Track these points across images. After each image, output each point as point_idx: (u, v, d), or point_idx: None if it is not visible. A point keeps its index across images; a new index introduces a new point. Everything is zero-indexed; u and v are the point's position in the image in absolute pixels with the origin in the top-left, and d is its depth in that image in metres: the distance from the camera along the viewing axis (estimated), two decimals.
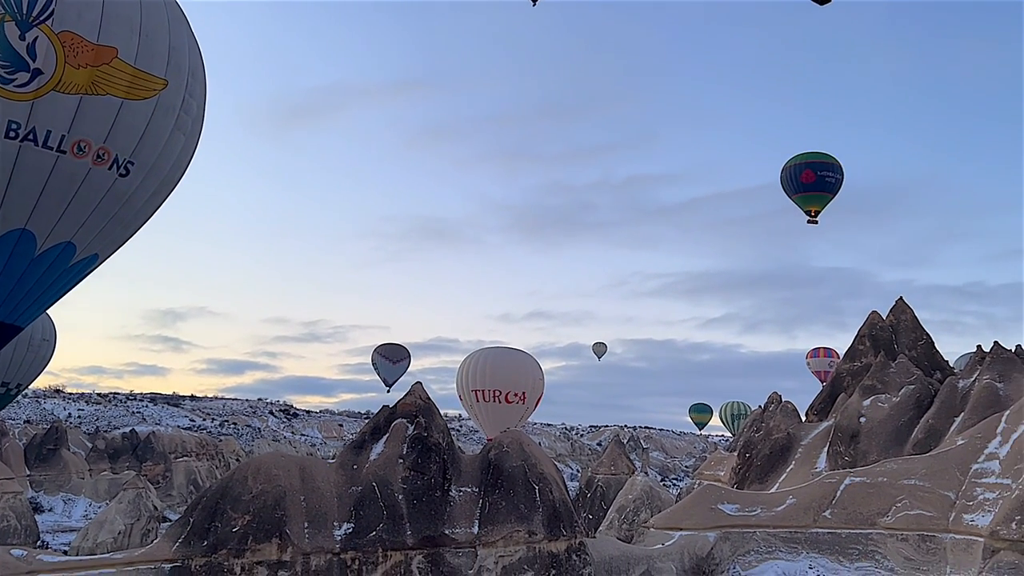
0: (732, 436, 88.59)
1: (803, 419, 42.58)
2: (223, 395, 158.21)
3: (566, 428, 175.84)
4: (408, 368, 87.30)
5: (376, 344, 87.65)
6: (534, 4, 38.61)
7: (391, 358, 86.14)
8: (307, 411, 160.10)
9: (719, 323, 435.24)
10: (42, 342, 43.14)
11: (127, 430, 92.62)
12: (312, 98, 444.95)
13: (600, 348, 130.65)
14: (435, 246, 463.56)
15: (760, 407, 50.65)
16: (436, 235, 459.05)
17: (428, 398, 27.08)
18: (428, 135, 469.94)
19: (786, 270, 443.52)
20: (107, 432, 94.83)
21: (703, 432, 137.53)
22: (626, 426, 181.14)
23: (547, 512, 24.97)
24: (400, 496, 24.16)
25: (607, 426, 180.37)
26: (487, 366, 54.74)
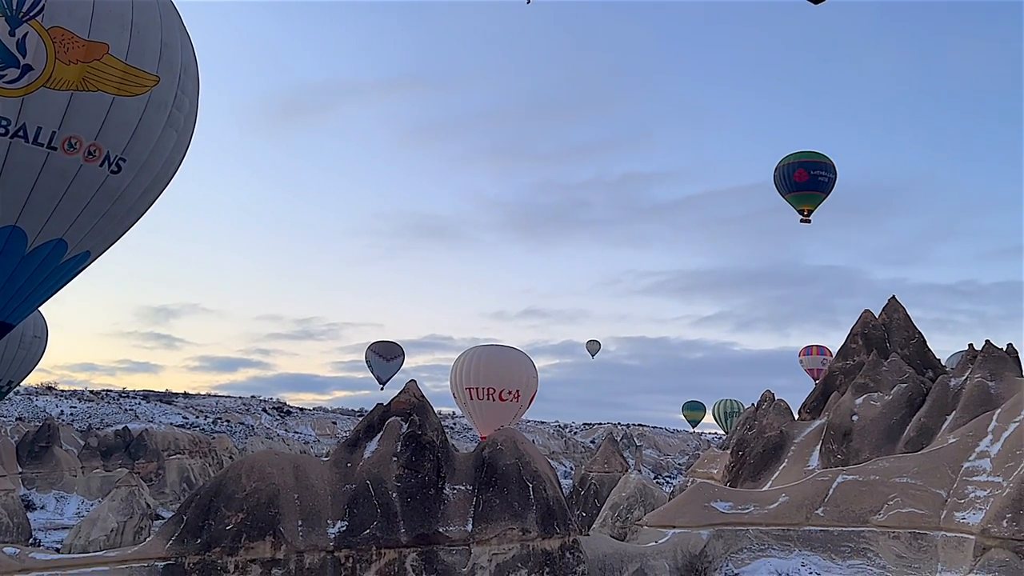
0: (725, 434, 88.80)
1: (796, 417, 42.70)
2: (216, 392, 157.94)
3: (560, 425, 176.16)
4: (402, 366, 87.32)
5: (370, 341, 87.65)
6: (528, 2, 38.46)
7: (385, 356, 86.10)
8: (300, 409, 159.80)
9: (712, 321, 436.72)
10: (33, 339, 42.95)
11: (120, 427, 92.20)
12: (306, 95, 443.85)
13: (594, 346, 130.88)
14: (429, 244, 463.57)
15: (753, 405, 50.72)
16: (430, 233, 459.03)
17: (422, 396, 27.05)
18: (422, 133, 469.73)
19: (779, 268, 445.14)
20: (99, 429, 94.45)
21: (696, 430, 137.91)
22: (619, 424, 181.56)
23: (541, 510, 24.99)
24: (394, 494, 24.13)
25: (601, 424, 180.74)
26: (481, 364, 54.67)
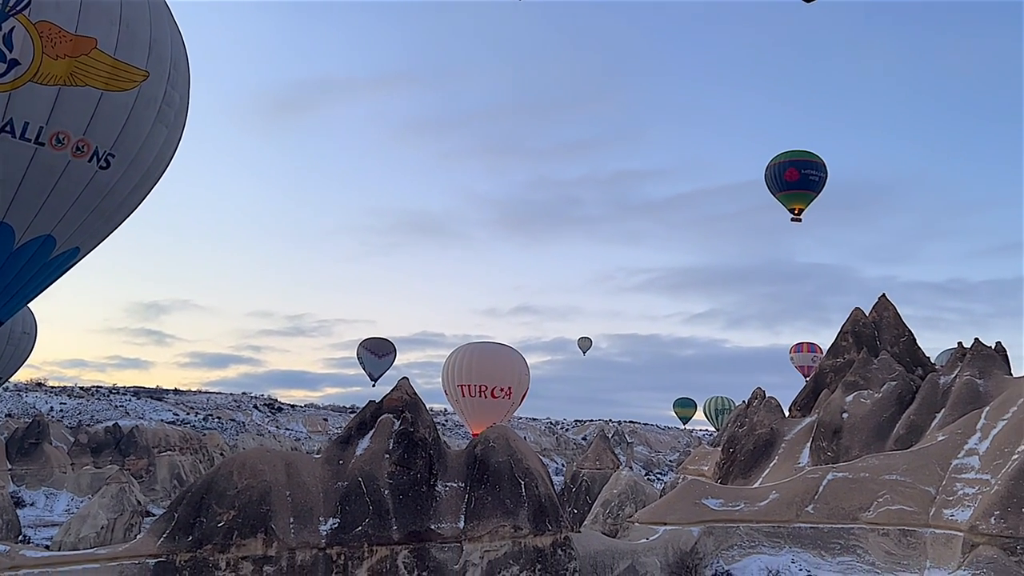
0: (716, 431, 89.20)
1: (786, 415, 42.89)
2: (207, 389, 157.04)
3: (551, 422, 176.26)
4: (393, 362, 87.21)
5: (362, 338, 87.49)
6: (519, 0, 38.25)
7: (377, 352, 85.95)
8: (292, 405, 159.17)
9: (703, 318, 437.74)
10: (22, 335, 42.68)
11: (110, 424, 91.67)
12: (298, 92, 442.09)
13: (585, 343, 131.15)
14: (421, 240, 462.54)
15: (744, 402, 50.98)
16: (422, 229, 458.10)
17: (414, 393, 27.03)
18: (414, 129, 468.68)
19: (770, 266, 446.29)
20: (90, 426, 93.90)
21: (687, 426, 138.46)
22: (611, 420, 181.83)
23: (533, 507, 25.02)
24: (386, 491, 24.12)
25: (592, 420, 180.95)
26: (473, 361, 54.70)
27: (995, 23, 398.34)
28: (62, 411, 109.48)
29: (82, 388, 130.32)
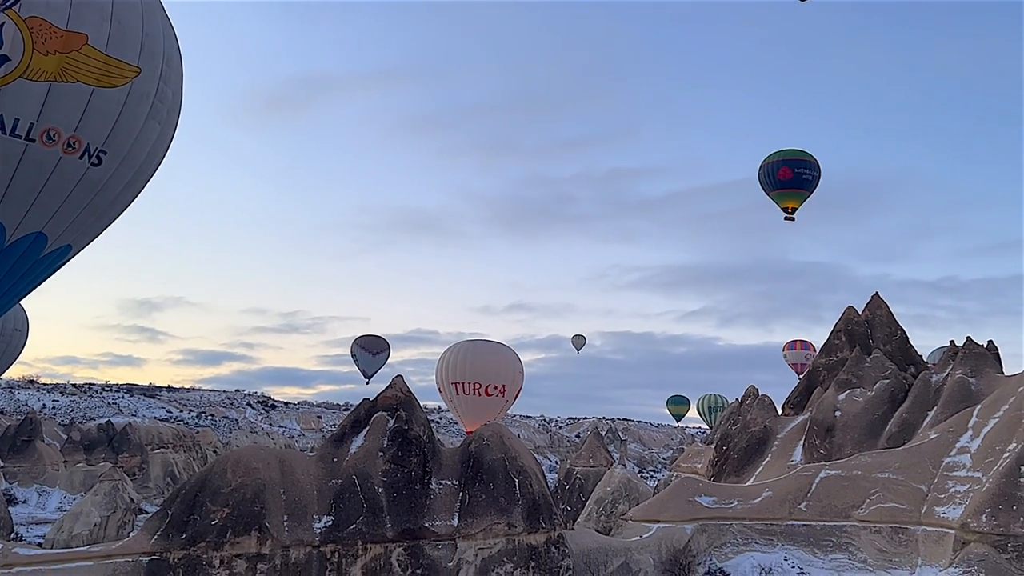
0: (709, 428, 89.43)
1: (779, 412, 43.02)
2: (200, 386, 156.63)
3: (545, 420, 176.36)
4: (387, 360, 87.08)
5: (355, 335, 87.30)
6: None
7: (370, 350, 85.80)
8: (285, 403, 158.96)
9: (697, 316, 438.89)
10: (14, 332, 42.54)
11: (103, 421, 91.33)
12: (292, 89, 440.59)
13: (579, 340, 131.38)
14: (415, 238, 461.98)
15: (737, 400, 51.08)
16: (416, 227, 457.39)
17: (409, 391, 27.02)
18: (408, 126, 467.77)
19: (763, 264, 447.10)
20: (82, 423, 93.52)
21: (680, 424, 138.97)
22: (604, 418, 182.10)
23: (527, 505, 25.05)
24: (380, 489, 24.11)
25: (586, 418, 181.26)
26: (467, 359, 54.68)
27: (989, 22, 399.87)
28: (54, 408, 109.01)
29: (75, 385, 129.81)
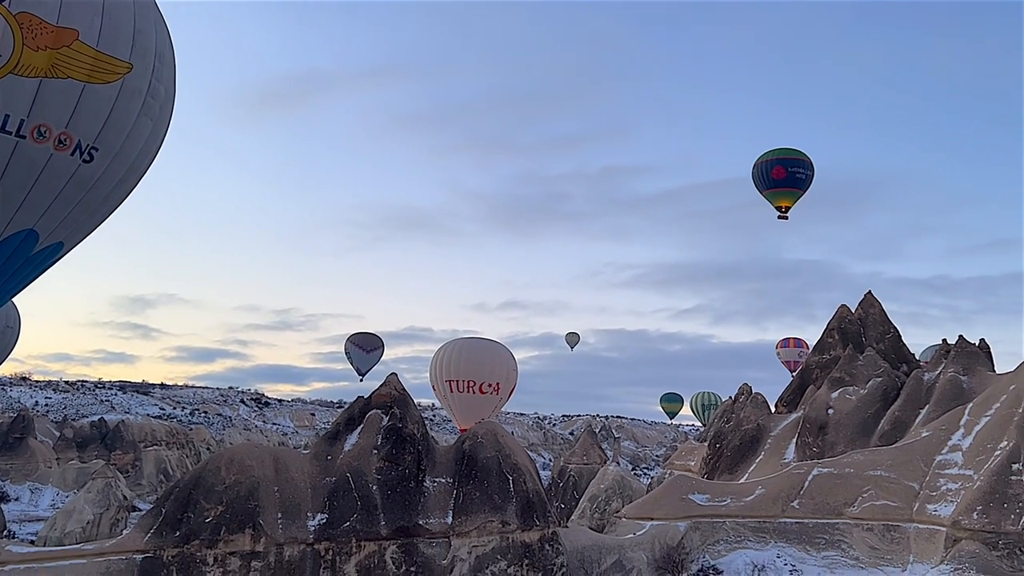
0: (703, 426, 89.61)
1: (772, 410, 43.16)
2: (193, 383, 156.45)
3: (539, 417, 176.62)
4: (381, 357, 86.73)
5: (349, 333, 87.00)
6: None
7: (364, 347, 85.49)
8: (279, 400, 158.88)
9: (690, 314, 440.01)
10: (6, 329, 42.28)
11: (95, 418, 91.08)
12: (285, 85, 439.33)
13: (573, 338, 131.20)
14: (409, 235, 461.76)
15: (730, 398, 51.22)
16: (410, 224, 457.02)
17: (403, 389, 27.00)
18: (402, 123, 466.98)
19: (757, 262, 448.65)
20: (75, 420, 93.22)
21: (674, 422, 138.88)
22: (598, 416, 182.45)
23: (520, 503, 25.07)
24: (374, 487, 24.09)
25: (579, 415, 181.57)
26: (461, 356, 54.55)
27: (983, 22, 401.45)
28: (47, 405, 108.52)
29: (67, 382, 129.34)
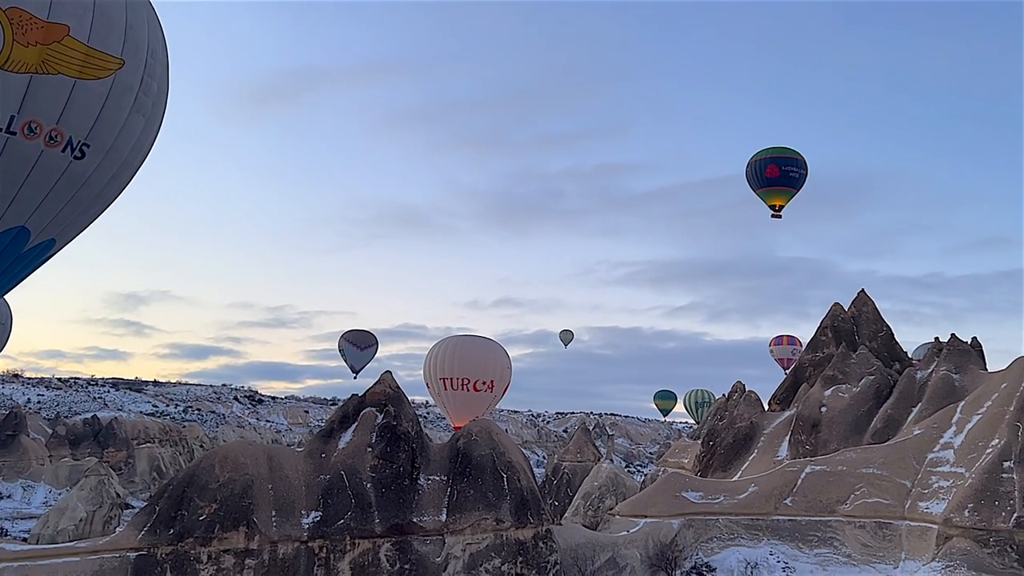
0: (696, 424, 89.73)
1: (766, 408, 43.26)
2: (186, 381, 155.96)
3: (533, 415, 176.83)
4: (375, 355, 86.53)
5: (343, 330, 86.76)
6: None
7: (358, 344, 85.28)
8: (272, 397, 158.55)
9: (684, 312, 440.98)
10: None
11: (88, 416, 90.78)
12: (279, 82, 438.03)
13: (567, 335, 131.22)
14: (404, 232, 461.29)
15: (724, 395, 51.33)
16: (404, 221, 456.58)
17: (397, 387, 27.00)
18: (397, 121, 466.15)
19: (751, 260, 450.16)
20: (68, 418, 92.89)
21: (668, 419, 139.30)
22: (592, 413, 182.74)
23: (515, 500, 25.09)
24: (368, 484, 24.08)
25: (573, 413, 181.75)
26: (455, 354, 54.45)
27: (978, 23, 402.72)
28: (39, 403, 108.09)
29: (60, 379, 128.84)
